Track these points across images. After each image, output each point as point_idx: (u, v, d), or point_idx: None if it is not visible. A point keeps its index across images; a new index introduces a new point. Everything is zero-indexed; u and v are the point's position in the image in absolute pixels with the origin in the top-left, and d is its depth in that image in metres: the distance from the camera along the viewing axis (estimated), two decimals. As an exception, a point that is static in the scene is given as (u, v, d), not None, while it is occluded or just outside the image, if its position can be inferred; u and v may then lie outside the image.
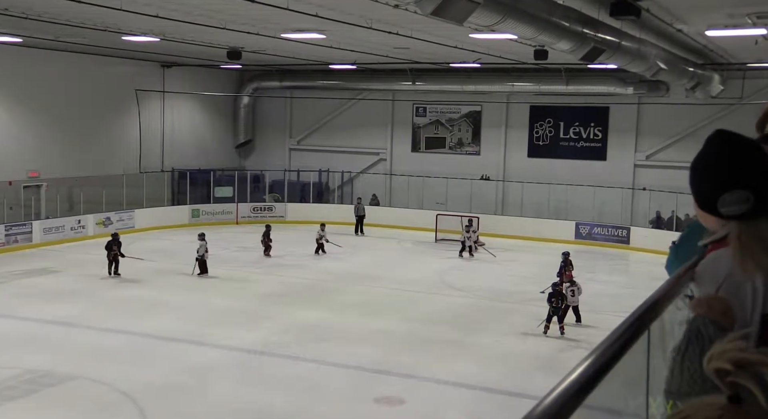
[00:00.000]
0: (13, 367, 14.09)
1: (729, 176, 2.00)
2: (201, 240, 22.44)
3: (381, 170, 35.77)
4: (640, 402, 2.13)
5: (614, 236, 29.41)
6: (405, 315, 18.52)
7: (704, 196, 2.07)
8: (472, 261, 26.00)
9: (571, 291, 17.57)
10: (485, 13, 11.27)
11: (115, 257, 21.91)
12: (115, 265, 21.92)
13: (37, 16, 18.48)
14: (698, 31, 17.81)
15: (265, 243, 25.63)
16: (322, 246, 25.90)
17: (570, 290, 17.58)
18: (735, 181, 1.98)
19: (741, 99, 27.63)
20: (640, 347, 1.87)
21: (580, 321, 17.64)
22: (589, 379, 1.45)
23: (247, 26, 19.23)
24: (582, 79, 29.43)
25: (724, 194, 1.99)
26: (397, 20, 16.83)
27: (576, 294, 17.60)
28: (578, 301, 17.68)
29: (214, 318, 17.91)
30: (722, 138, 2.06)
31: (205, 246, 22.30)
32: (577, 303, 17.67)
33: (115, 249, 21.93)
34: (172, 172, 33.60)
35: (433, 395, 13.48)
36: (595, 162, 31.75)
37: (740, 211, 1.98)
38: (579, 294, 17.69)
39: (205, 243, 22.38)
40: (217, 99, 35.76)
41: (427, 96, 33.94)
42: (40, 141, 28.33)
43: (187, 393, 13.17)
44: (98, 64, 29.71)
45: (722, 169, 2.01)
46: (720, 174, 2.01)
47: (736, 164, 2.00)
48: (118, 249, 21.98)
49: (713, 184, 2.03)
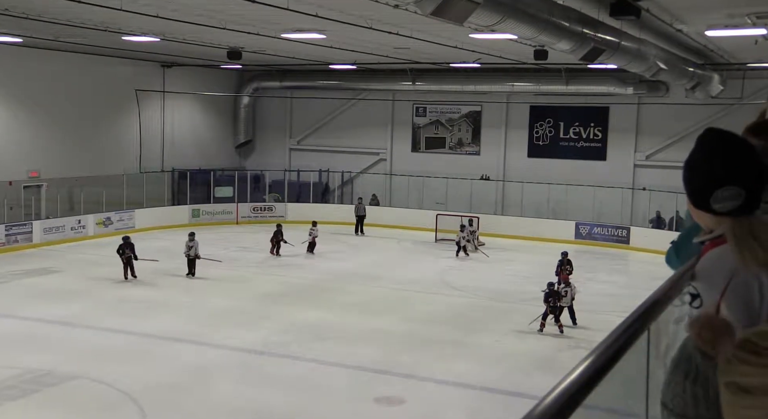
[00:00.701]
0: (13, 367, 14.10)
1: (721, 173, 2.01)
2: (191, 240, 22.42)
3: (381, 170, 35.77)
4: (640, 403, 2.13)
5: (614, 236, 29.41)
6: (405, 315, 18.53)
7: (697, 193, 2.08)
8: (471, 261, 26.00)
9: (564, 292, 17.38)
10: (485, 13, 11.26)
11: (128, 260, 21.52)
12: (131, 269, 21.54)
13: (37, 16, 18.47)
14: (698, 31, 17.81)
15: (275, 241, 25.78)
16: (313, 243, 26.21)
17: (564, 290, 17.41)
18: (727, 178, 2.00)
19: (741, 99, 27.63)
20: (640, 347, 1.87)
21: (575, 323, 17.51)
22: (589, 379, 1.45)
23: (247, 26, 19.22)
24: (582, 79, 29.43)
25: (716, 191, 2.00)
26: (397, 20, 16.83)
27: (569, 295, 17.39)
28: (570, 302, 17.45)
29: (214, 318, 17.91)
30: (713, 136, 2.08)
31: (196, 246, 22.25)
32: (569, 305, 17.45)
33: (128, 252, 21.52)
34: (172, 172, 33.60)
35: (433, 395, 13.48)
36: (595, 162, 31.75)
37: (733, 207, 1.99)
38: (573, 296, 17.48)
39: (195, 242, 22.34)
40: (217, 99, 35.77)
41: (427, 96, 33.95)
42: (40, 141, 28.33)
43: (187, 393, 13.17)
44: (98, 64, 29.71)
45: (714, 166, 2.03)
46: (712, 171, 2.03)
47: (728, 161, 2.02)
48: (131, 251, 21.64)
49: (706, 182, 2.04)
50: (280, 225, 26.58)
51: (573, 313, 17.58)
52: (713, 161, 2.03)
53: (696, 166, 2.08)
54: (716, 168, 2.02)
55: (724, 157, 2.03)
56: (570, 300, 17.48)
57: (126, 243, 21.75)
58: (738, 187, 1.99)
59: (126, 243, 21.75)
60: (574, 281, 18.28)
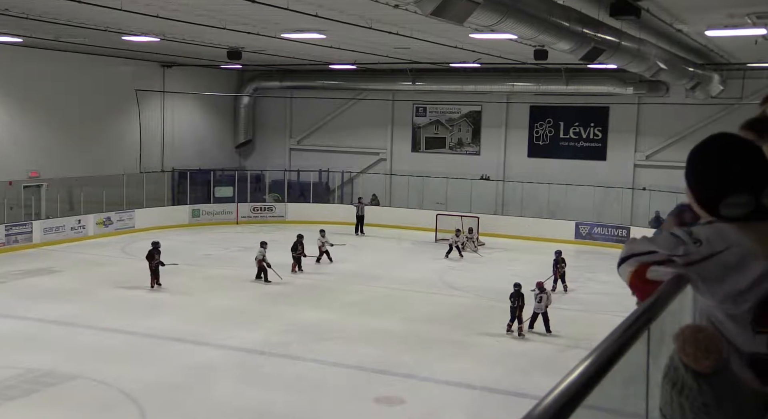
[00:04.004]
0: (13, 367, 14.10)
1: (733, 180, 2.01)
2: (264, 247, 21.78)
3: (381, 170, 35.77)
4: (640, 403, 2.13)
5: (614, 236, 29.40)
6: (405, 315, 18.53)
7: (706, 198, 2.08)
8: (471, 262, 25.99)
9: (539, 298, 17.03)
10: (485, 13, 11.26)
11: (156, 267, 20.49)
12: (157, 276, 20.53)
13: (37, 16, 18.47)
14: (698, 31, 17.81)
15: (297, 255, 23.14)
16: (327, 253, 24.53)
17: (538, 296, 17.04)
18: (739, 185, 2.00)
19: (741, 99, 27.61)
20: (640, 347, 1.87)
21: (548, 330, 16.98)
22: (589, 379, 1.45)
23: (247, 26, 19.22)
24: (582, 79, 29.43)
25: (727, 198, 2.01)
26: (397, 20, 16.82)
27: (543, 301, 16.97)
28: (544, 309, 16.99)
29: (214, 318, 17.91)
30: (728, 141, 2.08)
31: (263, 253, 21.67)
32: (543, 311, 16.99)
33: (157, 257, 20.49)
34: (172, 172, 33.60)
35: (433, 395, 13.49)
36: (595, 162, 31.74)
37: (741, 214, 2.00)
38: (547, 303, 17.02)
39: (263, 250, 21.72)
40: (217, 99, 35.76)
41: (427, 96, 33.94)
42: (40, 141, 28.33)
43: (187, 393, 13.17)
44: (98, 64, 29.70)
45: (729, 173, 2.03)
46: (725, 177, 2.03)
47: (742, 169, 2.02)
48: (159, 257, 20.56)
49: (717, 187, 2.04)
50: (302, 236, 23.48)
51: (547, 321, 17.02)
52: (727, 168, 2.03)
53: (708, 170, 2.08)
54: (731, 175, 2.02)
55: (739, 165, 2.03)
56: (544, 307, 17.01)
57: (156, 249, 20.64)
58: (749, 194, 2.00)
59: (156, 249, 20.64)
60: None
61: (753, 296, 1.98)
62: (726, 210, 2.03)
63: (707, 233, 2.04)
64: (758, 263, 1.96)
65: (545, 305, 17.05)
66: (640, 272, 2.07)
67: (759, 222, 2.02)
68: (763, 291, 1.97)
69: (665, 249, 2.04)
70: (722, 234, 2.02)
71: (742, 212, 2.01)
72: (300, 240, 23.29)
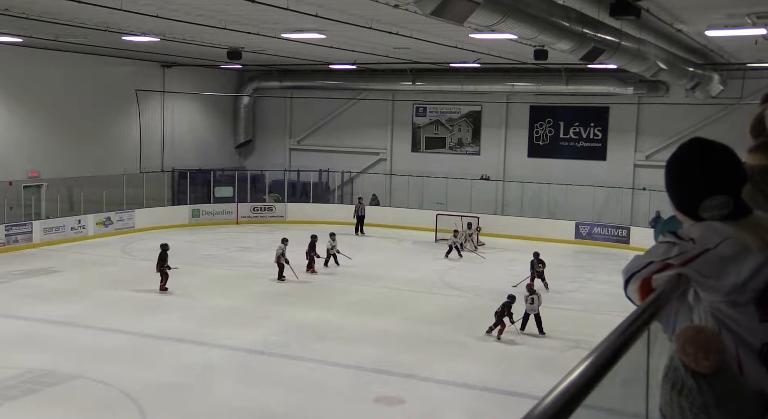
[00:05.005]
0: (13, 367, 14.09)
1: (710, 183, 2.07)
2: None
3: (381, 170, 35.77)
4: (640, 403, 2.13)
5: (614, 236, 29.41)
6: (405, 315, 18.52)
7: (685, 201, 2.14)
8: (471, 262, 25.98)
9: (530, 300, 17.04)
10: (485, 13, 11.26)
11: (166, 269, 20.22)
12: (166, 279, 20.23)
13: (37, 16, 18.47)
14: (698, 31, 17.81)
15: (310, 256, 23.03)
16: (335, 256, 24.21)
17: (529, 298, 17.06)
18: (716, 187, 2.05)
19: (741, 99, 27.63)
20: (640, 347, 1.88)
21: (542, 332, 16.96)
22: (589, 379, 1.45)
23: (247, 26, 19.23)
24: (582, 79, 29.44)
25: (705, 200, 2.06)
26: (397, 20, 16.83)
27: (535, 302, 16.99)
28: (537, 310, 16.96)
29: (214, 318, 17.91)
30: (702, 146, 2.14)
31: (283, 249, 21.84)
32: (535, 312, 16.96)
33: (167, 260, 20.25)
34: (172, 172, 33.60)
35: (433, 395, 13.49)
36: (595, 162, 31.74)
37: (720, 216, 2.05)
38: (538, 304, 17.03)
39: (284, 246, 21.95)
40: (217, 99, 35.76)
41: (427, 96, 33.95)
42: (40, 141, 28.33)
43: (187, 393, 13.17)
44: (98, 64, 29.71)
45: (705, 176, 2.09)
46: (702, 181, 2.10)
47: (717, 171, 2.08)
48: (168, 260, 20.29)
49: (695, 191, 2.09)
50: (315, 237, 23.31)
51: (539, 322, 16.99)
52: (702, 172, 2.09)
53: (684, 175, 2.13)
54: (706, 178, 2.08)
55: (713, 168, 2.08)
56: (536, 308, 16.99)
57: (165, 252, 20.40)
58: (726, 195, 2.04)
59: (165, 252, 20.40)
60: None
61: (753, 285, 2.01)
62: (706, 212, 2.07)
63: (698, 231, 2.07)
64: (753, 255, 2.00)
65: (537, 306, 17.07)
66: (646, 286, 2.09)
67: (743, 218, 2.06)
68: (764, 279, 2.00)
69: (660, 257, 2.07)
70: (713, 230, 2.05)
71: (721, 213, 2.05)
72: (314, 242, 23.25)
